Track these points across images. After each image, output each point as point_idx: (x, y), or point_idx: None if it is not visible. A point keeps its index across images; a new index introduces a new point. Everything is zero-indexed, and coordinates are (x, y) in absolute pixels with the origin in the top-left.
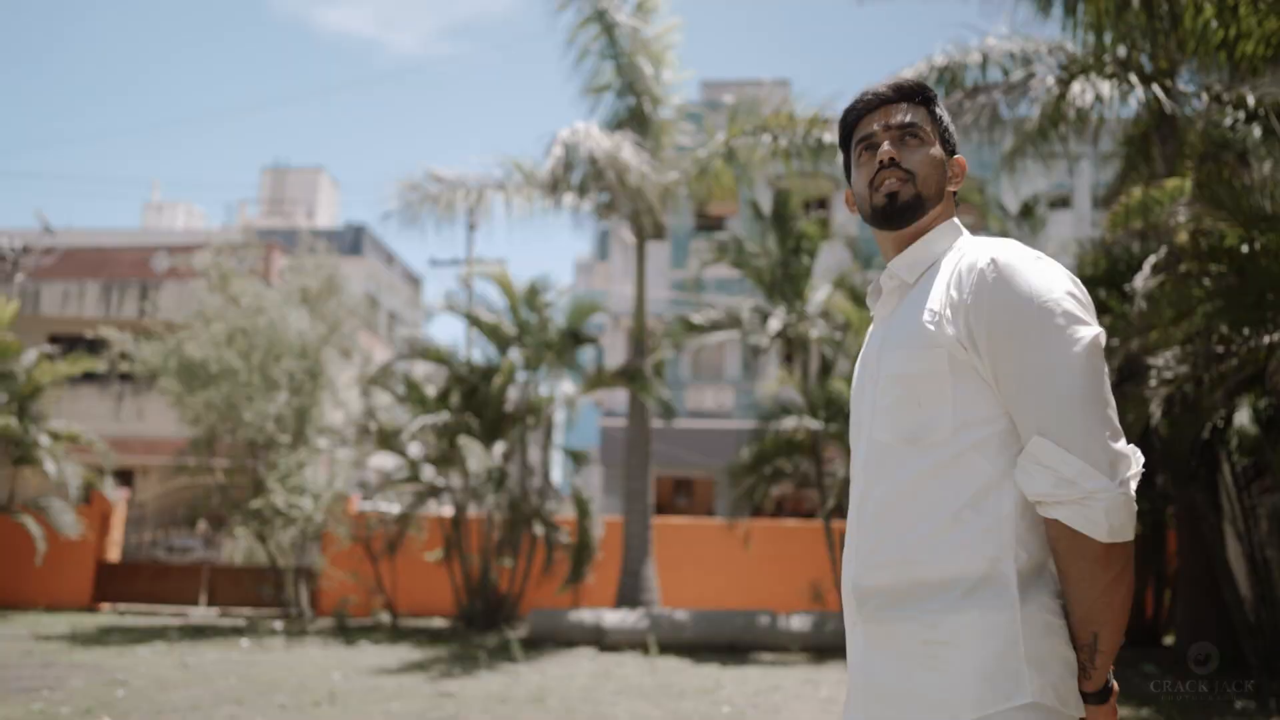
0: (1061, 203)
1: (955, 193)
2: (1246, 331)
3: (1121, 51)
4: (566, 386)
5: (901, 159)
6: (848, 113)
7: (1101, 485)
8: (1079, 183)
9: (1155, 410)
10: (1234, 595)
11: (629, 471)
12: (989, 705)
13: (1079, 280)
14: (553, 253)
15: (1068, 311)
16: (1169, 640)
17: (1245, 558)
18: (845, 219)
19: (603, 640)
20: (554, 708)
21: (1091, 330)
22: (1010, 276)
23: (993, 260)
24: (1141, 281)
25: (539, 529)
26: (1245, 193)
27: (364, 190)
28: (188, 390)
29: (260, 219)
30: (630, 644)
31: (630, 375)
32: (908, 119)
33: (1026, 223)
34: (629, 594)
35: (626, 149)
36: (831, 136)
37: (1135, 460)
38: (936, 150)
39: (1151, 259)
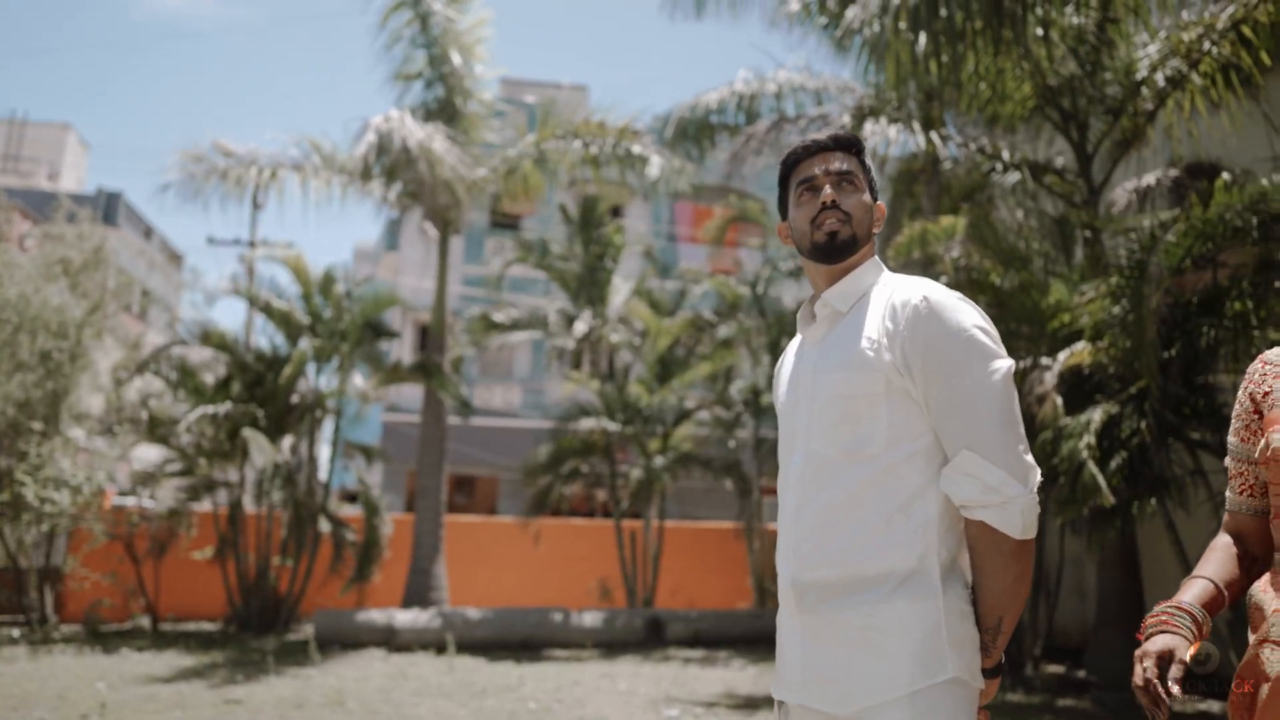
0: None
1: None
2: None
3: (896, 96)
4: (357, 380)
5: (840, 202)
6: (790, 156)
7: (1019, 492)
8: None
9: None
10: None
11: (422, 469)
12: (920, 681)
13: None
14: (334, 239)
15: (986, 345)
16: None
17: None
18: (645, 229)
19: (393, 641)
20: (355, 710)
21: (1006, 362)
22: (940, 313)
23: (925, 298)
24: None
25: (325, 526)
26: (1003, 234)
27: (121, 156)
28: None
29: None
30: (422, 644)
31: (428, 371)
32: (845, 167)
33: None
34: (418, 593)
35: (440, 141)
36: (640, 148)
37: (1038, 471)
38: (867, 196)
39: None
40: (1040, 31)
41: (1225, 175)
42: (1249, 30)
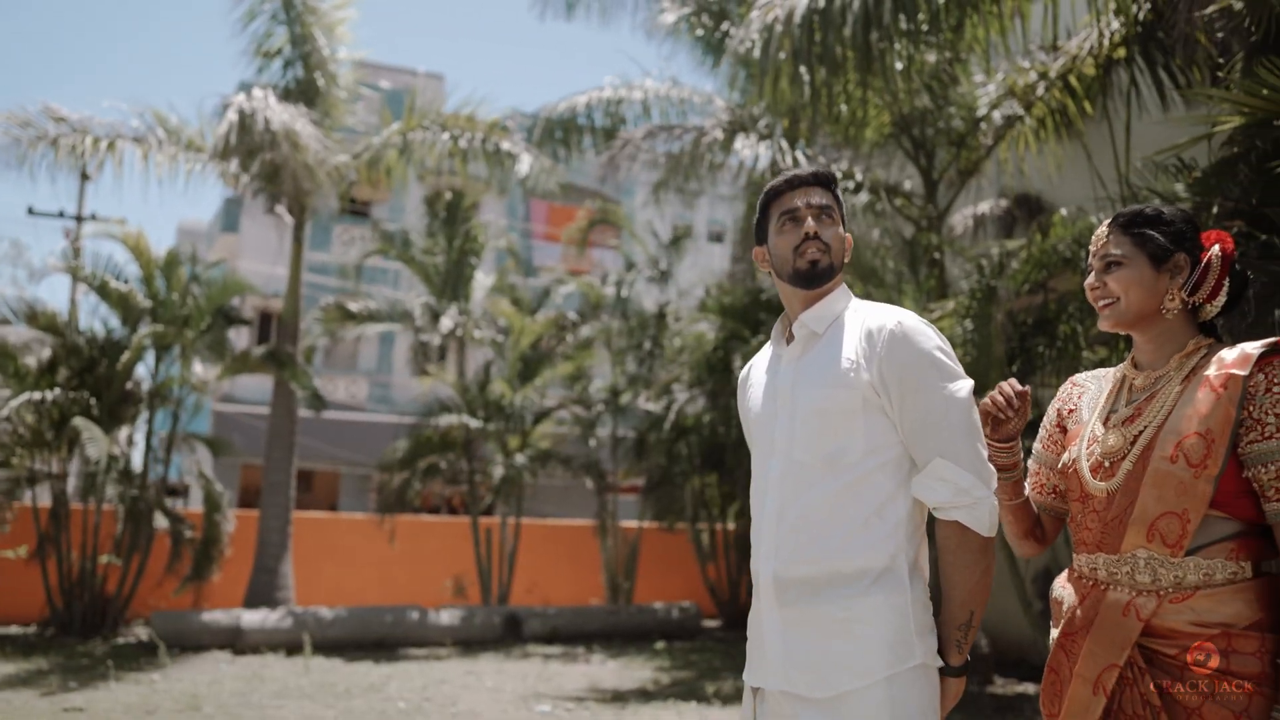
0: (717, 238)
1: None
2: None
3: (757, 111)
4: (197, 368)
5: (821, 234)
6: (772, 188)
7: (985, 494)
8: (730, 220)
9: None
10: None
11: (270, 463)
12: (894, 666)
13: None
14: (156, 216)
15: (951, 366)
16: None
17: None
18: (500, 224)
19: (238, 642)
20: (213, 715)
21: (968, 381)
22: (912, 338)
23: (899, 323)
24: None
25: (161, 522)
26: (860, 250)
27: None
28: None
29: None
30: (271, 645)
31: (280, 361)
32: (824, 201)
33: (674, 250)
34: (263, 592)
35: (304, 124)
36: (510, 144)
37: (996, 475)
38: (841, 229)
39: None
40: (900, 66)
41: (1063, 211)
42: (1075, 80)
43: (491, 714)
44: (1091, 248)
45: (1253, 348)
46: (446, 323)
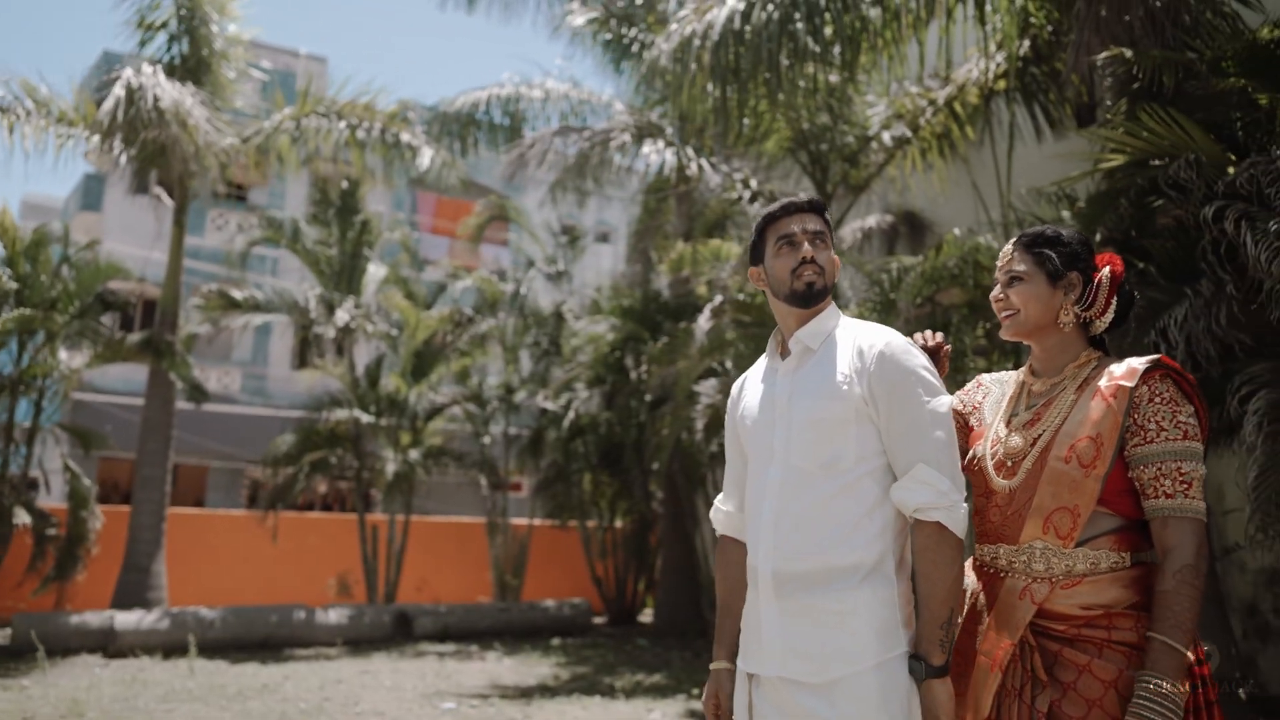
0: (604, 238)
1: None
2: None
3: (657, 117)
4: (63, 355)
5: (816, 258)
6: (770, 213)
7: (960, 499)
8: (620, 220)
9: (699, 427)
10: (706, 577)
11: (144, 457)
12: (882, 654)
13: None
14: (4, 189)
15: (934, 383)
16: (646, 618)
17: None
18: (392, 218)
19: (111, 645)
20: None
21: (948, 397)
22: (900, 357)
23: (888, 343)
24: (703, 321)
25: (23, 518)
26: None
27: None
28: None
29: None
30: (146, 647)
31: (159, 350)
32: (818, 228)
33: (571, 248)
34: (134, 592)
35: (195, 104)
36: (410, 137)
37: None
38: (832, 253)
39: (710, 306)
40: (803, 84)
41: (956, 231)
42: (960, 108)
43: (395, 713)
44: (998, 263)
45: (1139, 363)
46: (342, 315)
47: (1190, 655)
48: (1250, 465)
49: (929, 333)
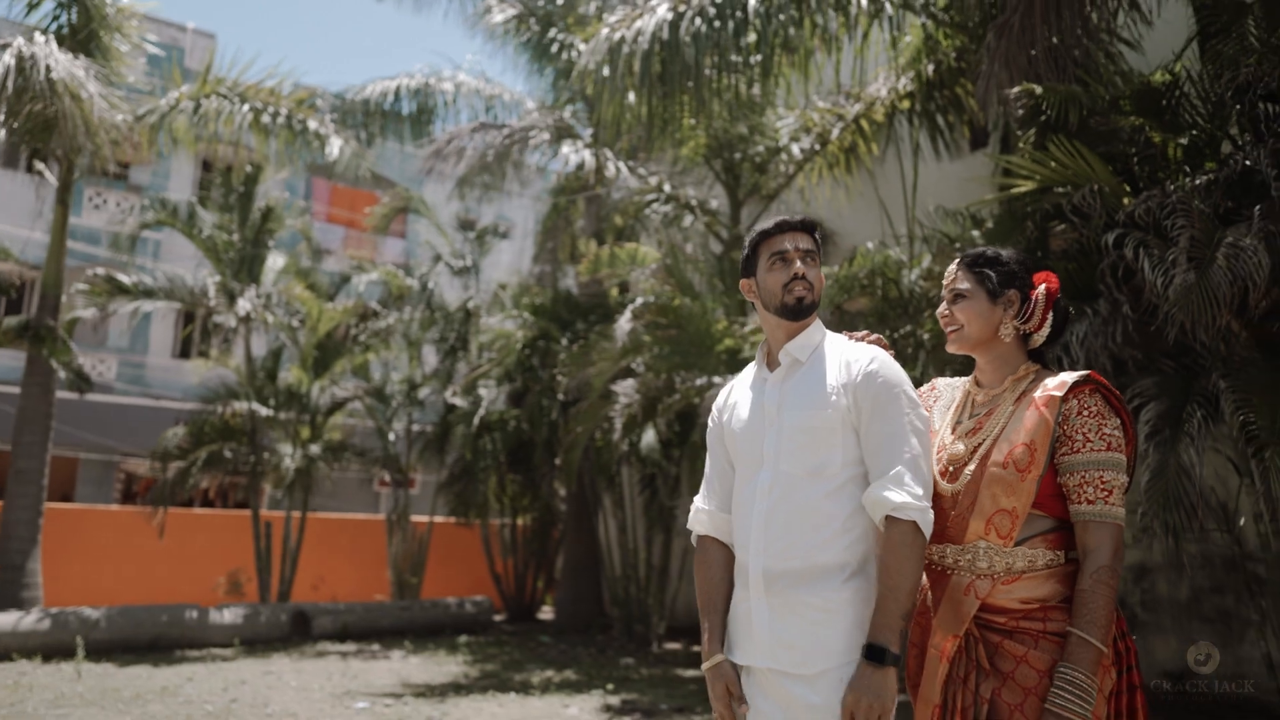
0: (503, 234)
1: None
2: (683, 374)
3: (569, 115)
4: None
5: (807, 275)
6: (764, 230)
7: (929, 502)
8: (518, 217)
9: (618, 426)
10: (610, 574)
11: (21, 449)
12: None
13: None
14: None
15: (914, 398)
16: (545, 615)
17: (620, 546)
18: (296, 207)
19: None
20: None
21: (925, 413)
22: (885, 373)
23: (873, 359)
24: (623, 322)
25: None
26: (679, 268)
27: None
28: None
29: None
30: (24, 649)
31: (40, 336)
32: (809, 246)
33: (479, 244)
34: (8, 591)
35: (89, 78)
36: (318, 124)
37: None
38: (820, 270)
39: (631, 307)
40: (723, 95)
41: (869, 244)
42: (866, 124)
43: (308, 713)
44: (944, 281)
45: (1070, 377)
46: (244, 305)
47: (1106, 648)
48: (1142, 470)
49: (865, 332)
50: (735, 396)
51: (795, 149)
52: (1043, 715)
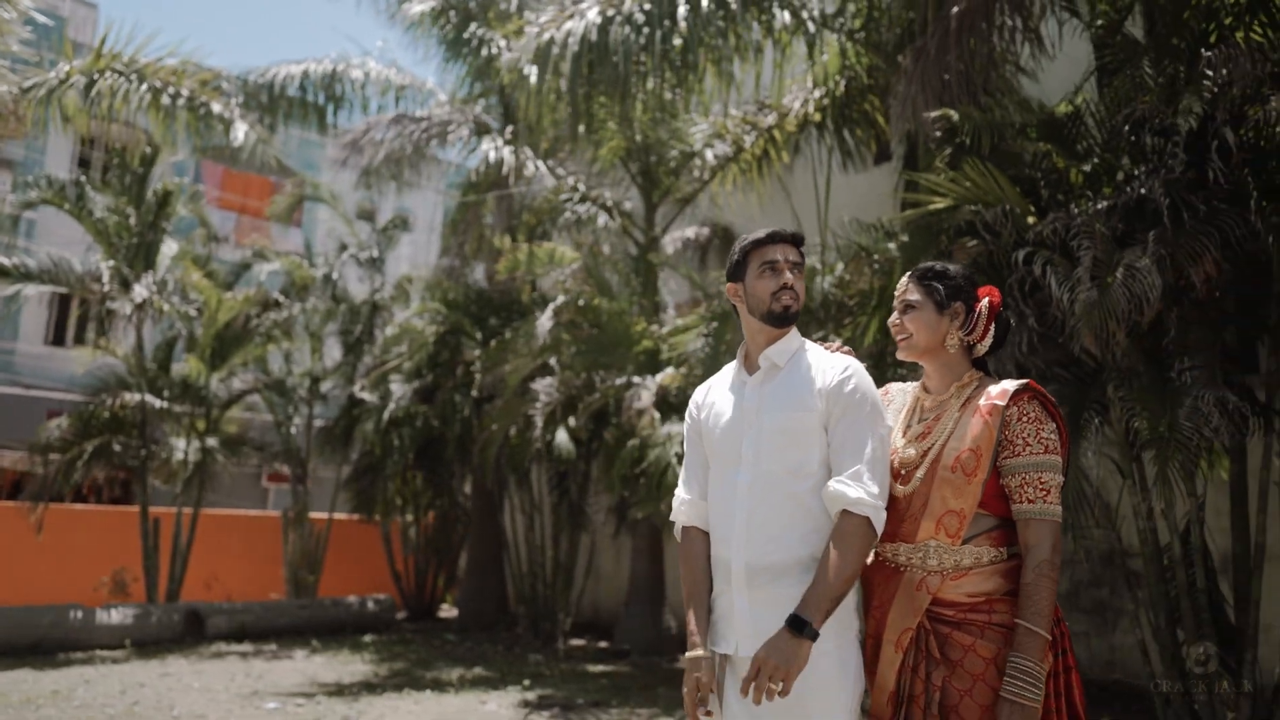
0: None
1: None
2: (602, 373)
3: (480, 109)
4: None
5: (794, 285)
6: (756, 239)
7: (884, 502)
8: (419, 209)
9: (539, 422)
10: (516, 572)
11: None
12: (839, 637)
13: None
14: None
15: (881, 409)
16: (445, 613)
17: (528, 543)
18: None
19: None
20: None
21: (889, 423)
22: (858, 382)
23: (847, 368)
24: (544, 320)
25: None
26: (598, 269)
27: None
28: None
29: None
30: None
31: None
32: (797, 258)
33: (385, 236)
34: None
35: None
36: (223, 108)
37: None
38: (804, 282)
39: (552, 305)
40: (644, 99)
41: None
42: (779, 135)
43: (216, 715)
44: (896, 293)
45: (1010, 385)
46: (141, 291)
47: (1048, 635)
48: None
49: (838, 343)
50: (713, 396)
51: (710, 155)
52: (998, 702)
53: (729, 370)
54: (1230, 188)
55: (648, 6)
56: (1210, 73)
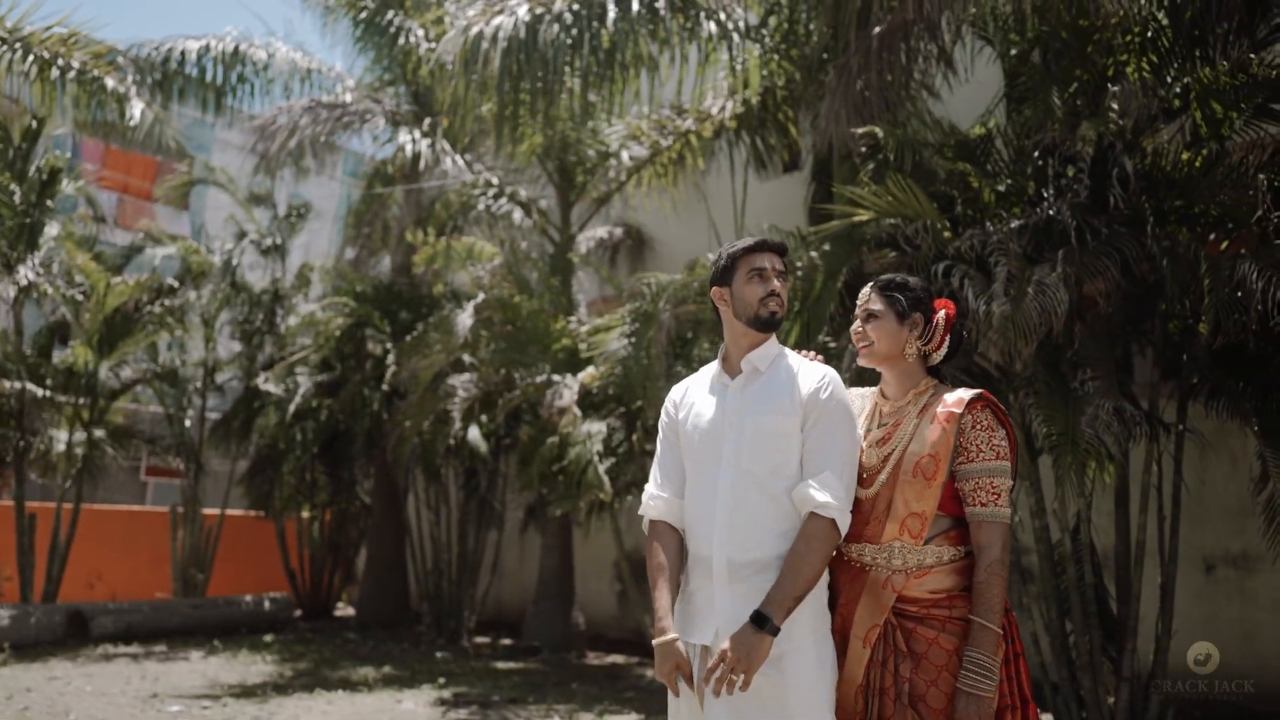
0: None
1: None
2: (521, 371)
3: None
4: None
5: (779, 293)
6: (745, 246)
7: (849, 505)
8: (315, 197)
9: (457, 418)
10: (420, 569)
11: None
12: (817, 631)
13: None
14: None
15: (853, 417)
16: (341, 611)
17: (433, 540)
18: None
19: None
20: None
21: (860, 434)
22: (834, 391)
23: (824, 376)
24: (465, 317)
25: None
26: (519, 266)
27: None
28: None
29: None
30: None
31: None
32: (782, 268)
33: (288, 224)
34: None
35: None
36: (117, 83)
37: None
38: (788, 291)
39: (473, 303)
40: (565, 99)
41: (709, 256)
42: (695, 140)
43: (117, 718)
44: (859, 302)
45: (965, 394)
46: (25, 274)
47: (1000, 629)
48: None
49: (813, 352)
50: (693, 396)
51: (626, 156)
52: (955, 694)
53: (707, 372)
54: (1129, 212)
55: (576, 7)
56: (1114, 105)
